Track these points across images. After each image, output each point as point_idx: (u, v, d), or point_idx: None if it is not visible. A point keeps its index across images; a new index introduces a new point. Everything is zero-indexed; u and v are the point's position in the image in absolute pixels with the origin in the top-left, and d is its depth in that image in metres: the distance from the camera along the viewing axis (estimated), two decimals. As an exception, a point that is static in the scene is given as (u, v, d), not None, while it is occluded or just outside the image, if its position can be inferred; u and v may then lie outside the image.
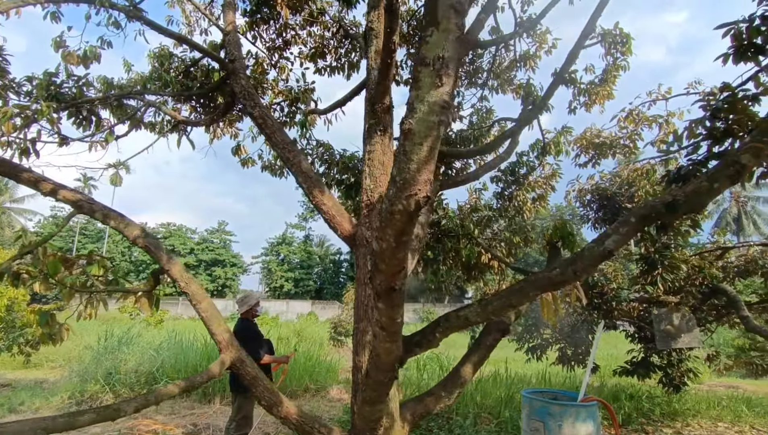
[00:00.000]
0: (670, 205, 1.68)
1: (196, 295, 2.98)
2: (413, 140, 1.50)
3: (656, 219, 1.77)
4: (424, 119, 1.48)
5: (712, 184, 1.58)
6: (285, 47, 8.11)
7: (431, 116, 1.47)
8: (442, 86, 1.44)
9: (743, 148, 1.51)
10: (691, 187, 1.65)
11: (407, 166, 1.52)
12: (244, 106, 4.22)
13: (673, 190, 1.70)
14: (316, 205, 4.06)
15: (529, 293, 2.08)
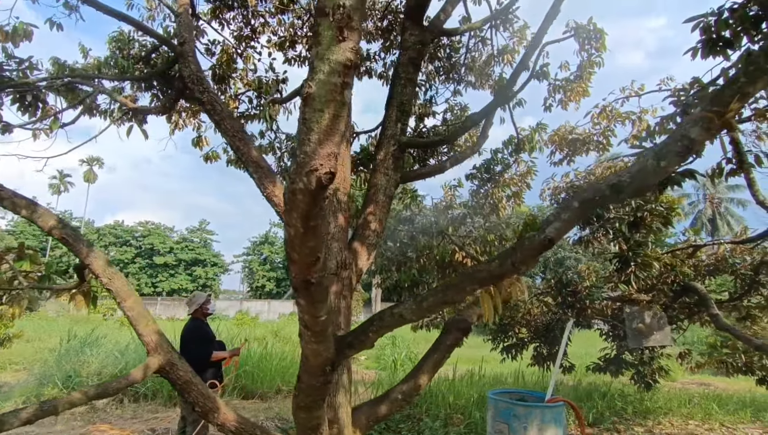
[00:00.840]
0: (615, 187, 1.51)
1: (121, 292, 2.71)
2: (314, 106, 1.28)
3: (600, 202, 1.59)
4: (325, 81, 1.26)
5: (658, 162, 1.41)
6: (253, 36, 7.82)
7: (333, 77, 1.26)
8: (345, 41, 1.23)
9: (692, 121, 1.34)
10: (637, 166, 1.47)
11: (307, 138, 1.30)
12: (192, 91, 3.96)
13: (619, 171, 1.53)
14: (267, 196, 3.82)
15: (466, 288, 1.89)
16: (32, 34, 4.46)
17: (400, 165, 4.08)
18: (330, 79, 1.25)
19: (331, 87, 1.26)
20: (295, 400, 2.38)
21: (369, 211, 3.91)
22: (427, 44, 4.40)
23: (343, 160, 3.90)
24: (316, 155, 1.30)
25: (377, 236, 3.89)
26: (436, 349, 3.89)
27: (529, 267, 1.76)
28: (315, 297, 1.76)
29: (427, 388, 9.16)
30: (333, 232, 3.72)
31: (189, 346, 5.16)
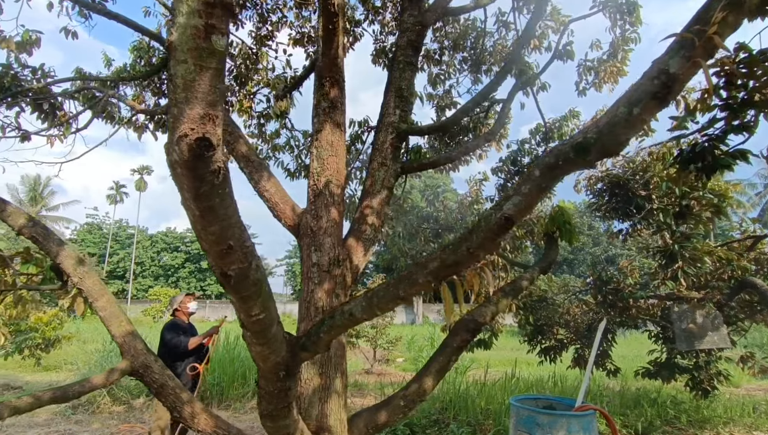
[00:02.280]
0: (579, 147, 1.18)
1: (93, 292, 2.61)
2: (177, 57, 1.05)
3: (566, 167, 1.26)
4: (184, 24, 1.02)
5: (630, 109, 1.07)
6: (271, 35, 7.78)
7: (193, 18, 1.01)
8: None
9: (670, 50, 1.00)
10: (605, 117, 1.14)
11: (174, 97, 1.07)
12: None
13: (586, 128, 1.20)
14: (258, 192, 3.67)
15: (419, 280, 1.60)
16: (40, 41, 4.55)
17: (399, 154, 3.80)
18: (190, 22, 1.02)
19: (192, 31, 1.02)
20: (259, 408, 2.17)
21: (366, 204, 3.66)
22: (428, 26, 4.10)
23: (336, 150, 3.69)
24: (185, 117, 1.06)
25: (375, 231, 3.64)
26: (442, 352, 3.58)
27: (487, 253, 1.45)
28: (240, 292, 1.53)
29: (456, 392, 8.77)
30: (325, 226, 3.51)
31: (163, 340, 5.65)
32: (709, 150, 5.11)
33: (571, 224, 5.77)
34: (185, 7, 1.02)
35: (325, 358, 3.24)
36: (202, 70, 1.05)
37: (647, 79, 1.04)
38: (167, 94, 1.15)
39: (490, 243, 1.43)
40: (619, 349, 11.28)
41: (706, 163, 5.04)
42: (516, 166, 8.49)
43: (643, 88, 1.05)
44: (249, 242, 1.48)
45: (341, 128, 3.73)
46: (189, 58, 1.04)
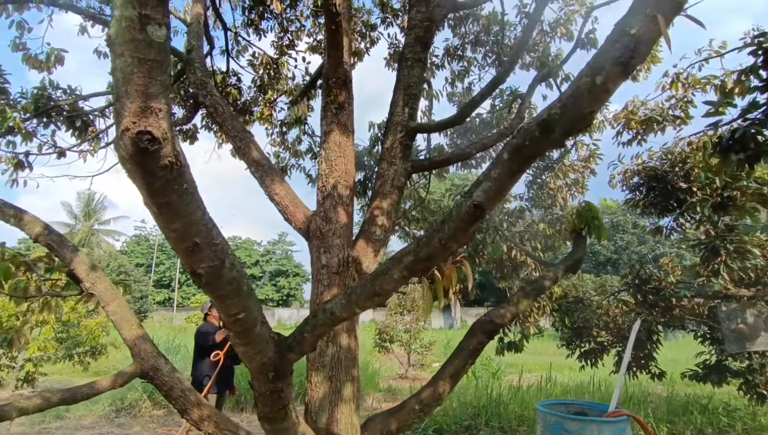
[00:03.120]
0: (544, 124, 1.07)
1: (105, 296, 2.69)
2: (115, 51, 1.04)
3: (534, 148, 1.16)
4: (120, 17, 1.01)
5: (593, 78, 0.96)
6: (292, 44, 7.90)
7: (127, 10, 1.00)
8: None
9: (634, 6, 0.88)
10: (569, 91, 1.03)
11: (116, 92, 1.06)
12: (197, 96, 3.97)
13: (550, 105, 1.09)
14: (269, 195, 3.69)
15: (395, 276, 1.52)
16: (63, 59, 4.80)
17: (409, 153, 3.73)
18: (124, 14, 1.00)
19: (126, 23, 1.01)
20: (257, 410, 2.15)
21: (375, 204, 3.61)
22: (436, 22, 4.02)
23: (344, 151, 3.66)
24: (126, 111, 1.05)
25: (385, 232, 3.57)
26: (458, 355, 3.46)
27: (459, 244, 1.36)
28: (215, 291, 1.52)
29: (489, 397, 8.52)
30: (334, 228, 3.48)
31: (196, 340, 6.35)
32: (752, 136, 4.74)
33: (600, 220, 5.49)
34: None
35: (335, 361, 3.20)
36: (141, 63, 1.04)
37: (609, 43, 0.94)
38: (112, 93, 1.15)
39: (461, 234, 1.34)
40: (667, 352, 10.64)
41: (748, 151, 4.69)
42: (543, 160, 8.22)
43: (605, 53, 0.95)
44: (219, 240, 1.46)
45: (349, 130, 3.70)
46: (126, 51, 1.03)
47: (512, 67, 3.46)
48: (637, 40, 0.89)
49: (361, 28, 7.09)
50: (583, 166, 8.04)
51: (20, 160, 5.22)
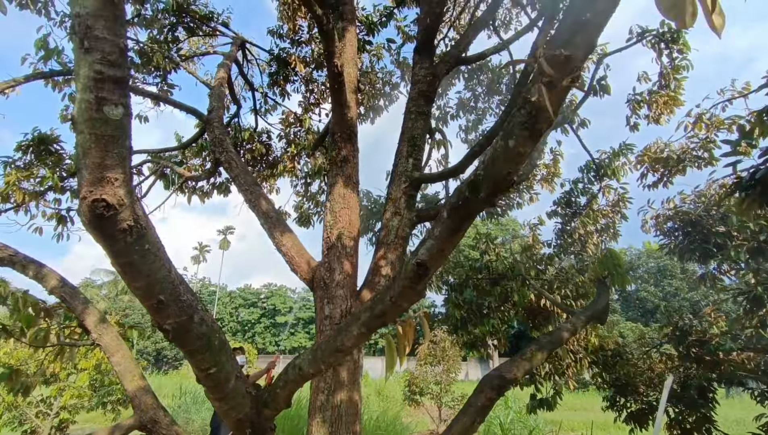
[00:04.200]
0: (472, 185, 1.09)
1: (110, 348, 2.79)
2: (77, 129, 1.16)
3: (467, 207, 1.16)
4: (80, 99, 1.14)
5: (506, 141, 0.98)
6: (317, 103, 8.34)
7: (85, 93, 1.13)
8: (90, 52, 1.11)
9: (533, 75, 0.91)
10: (488, 154, 1.05)
11: (78, 164, 1.18)
12: (213, 152, 4.23)
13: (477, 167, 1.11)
14: (276, 246, 3.79)
15: (354, 332, 1.51)
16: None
17: (413, 203, 3.78)
18: (83, 96, 1.13)
19: (85, 104, 1.13)
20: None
21: (380, 254, 3.64)
22: (440, 76, 4.17)
23: (348, 203, 3.75)
24: (84, 181, 1.16)
25: (385, 279, 3.57)
26: (465, 412, 3.32)
27: (410, 301, 1.35)
28: (184, 346, 1.56)
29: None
30: (338, 279, 3.51)
31: None
32: (772, 175, 4.52)
33: (622, 267, 5.30)
34: (79, 84, 1.13)
35: (335, 416, 3.13)
36: (98, 139, 1.15)
37: (516, 109, 0.97)
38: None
39: (410, 291, 1.34)
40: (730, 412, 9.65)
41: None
42: (571, 207, 8.04)
43: (514, 117, 0.98)
44: (186, 296, 1.52)
45: (354, 182, 3.81)
46: (85, 129, 1.14)
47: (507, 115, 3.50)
48: (537, 107, 0.91)
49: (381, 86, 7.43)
50: (612, 210, 7.81)
51: (63, 215, 5.64)
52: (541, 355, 3.81)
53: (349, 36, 4.24)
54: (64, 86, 5.04)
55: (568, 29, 0.83)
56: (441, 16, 4.28)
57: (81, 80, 1.13)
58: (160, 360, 45.92)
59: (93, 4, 1.09)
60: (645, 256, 52.57)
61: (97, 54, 1.11)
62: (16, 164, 5.71)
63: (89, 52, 1.11)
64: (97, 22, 1.10)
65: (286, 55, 7.40)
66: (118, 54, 1.15)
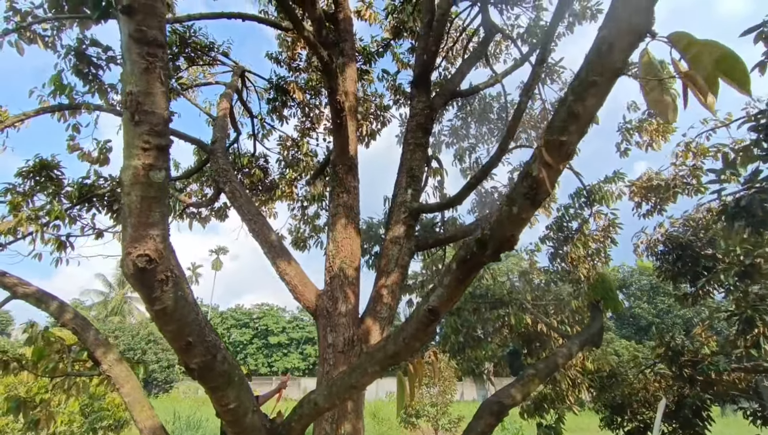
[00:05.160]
0: (479, 242, 1.23)
1: (120, 379, 2.85)
2: (124, 191, 1.29)
3: (474, 260, 1.30)
4: (127, 165, 1.28)
5: (510, 207, 1.12)
6: (313, 127, 8.54)
7: (134, 160, 1.27)
8: (139, 124, 1.25)
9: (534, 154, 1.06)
10: (494, 216, 1.19)
11: (124, 223, 1.31)
12: (217, 182, 4.35)
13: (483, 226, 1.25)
14: (279, 275, 3.89)
15: (368, 370, 1.62)
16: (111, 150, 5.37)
17: (412, 232, 3.91)
18: (131, 163, 1.26)
19: (133, 170, 1.26)
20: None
21: (381, 283, 3.75)
22: (436, 109, 4.37)
23: (349, 233, 3.88)
24: (129, 238, 1.28)
25: (390, 310, 3.68)
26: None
27: (422, 342, 1.47)
28: (207, 383, 1.66)
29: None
30: (340, 307, 3.61)
31: None
32: (758, 203, 4.74)
33: (614, 292, 5.45)
34: (128, 151, 1.27)
35: (339, 444, 3.19)
36: (143, 200, 1.28)
37: (520, 179, 1.11)
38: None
39: (421, 334, 1.46)
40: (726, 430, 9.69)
41: (757, 218, 4.67)
42: (563, 232, 8.21)
43: (517, 188, 1.12)
44: (211, 337, 1.63)
45: (355, 212, 3.94)
46: (132, 191, 1.27)
47: (503, 153, 3.69)
48: (537, 182, 1.06)
49: (374, 110, 7.64)
50: (603, 235, 8.01)
51: (62, 241, 5.69)
52: (537, 380, 3.91)
53: (350, 72, 4.44)
54: (70, 117, 5.16)
55: (563, 119, 0.98)
56: (437, 52, 4.50)
57: (130, 148, 1.26)
58: (150, 383, 44.99)
59: (144, 84, 1.23)
60: (638, 274, 52.93)
61: (145, 126, 1.25)
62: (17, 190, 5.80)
63: (139, 125, 1.24)
64: (147, 99, 1.24)
65: (285, 83, 7.61)
66: (163, 124, 1.28)
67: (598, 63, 0.92)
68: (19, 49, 3.26)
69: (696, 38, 0.91)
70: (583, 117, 0.96)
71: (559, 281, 9.15)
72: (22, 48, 3.89)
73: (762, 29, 4.18)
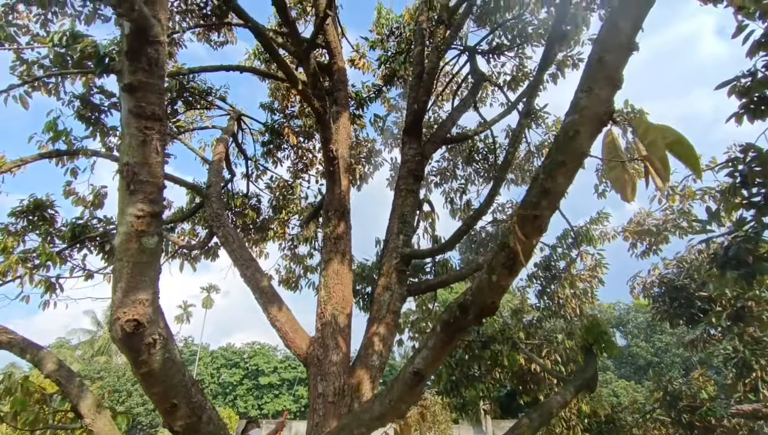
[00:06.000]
0: (461, 307, 1.27)
1: (102, 433, 2.78)
2: (116, 256, 1.33)
3: (458, 324, 1.33)
4: (121, 232, 1.32)
5: (490, 276, 1.17)
6: (306, 169, 8.69)
7: (127, 227, 1.31)
8: (134, 193, 1.30)
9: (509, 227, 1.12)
10: (476, 283, 1.24)
11: (114, 287, 1.33)
12: (211, 227, 4.38)
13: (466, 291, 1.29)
14: (270, 321, 3.87)
15: (354, 432, 1.61)
16: (106, 195, 5.43)
17: (404, 278, 3.93)
18: (124, 229, 1.30)
19: (125, 237, 1.30)
20: None
21: (372, 330, 3.73)
22: (428, 156, 4.49)
23: (342, 279, 3.89)
24: (118, 302, 1.31)
25: (381, 358, 3.64)
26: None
27: (408, 404, 1.47)
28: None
29: None
30: (331, 356, 3.58)
31: None
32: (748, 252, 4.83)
33: (608, 335, 5.41)
34: (122, 218, 1.31)
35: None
36: (135, 266, 1.31)
37: (498, 249, 1.17)
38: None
39: (407, 396, 1.47)
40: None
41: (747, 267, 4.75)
42: (550, 271, 8.25)
43: (496, 257, 1.17)
44: (197, 397, 1.62)
45: (347, 258, 3.97)
46: (123, 257, 1.31)
47: (495, 195, 3.77)
48: (514, 252, 1.11)
49: (366, 153, 7.82)
50: (590, 275, 8.05)
51: (52, 283, 5.63)
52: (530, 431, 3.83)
53: (343, 120, 4.59)
54: (68, 162, 5.25)
55: (535, 195, 1.05)
56: (428, 102, 4.67)
57: (124, 216, 1.31)
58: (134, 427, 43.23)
59: (141, 155, 1.29)
60: (634, 311, 52.55)
61: (140, 195, 1.30)
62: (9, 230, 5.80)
63: (134, 194, 1.30)
64: (142, 169, 1.30)
65: (279, 127, 7.81)
66: (158, 192, 1.34)
67: (565, 146, 1.00)
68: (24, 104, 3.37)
69: (652, 123, 0.99)
70: (554, 193, 1.02)
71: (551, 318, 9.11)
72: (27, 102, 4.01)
73: (735, 83, 4.40)
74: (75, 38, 3.68)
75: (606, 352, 5.52)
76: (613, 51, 0.94)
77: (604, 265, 7.84)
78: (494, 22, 6.27)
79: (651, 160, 0.94)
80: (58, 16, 4.29)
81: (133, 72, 1.31)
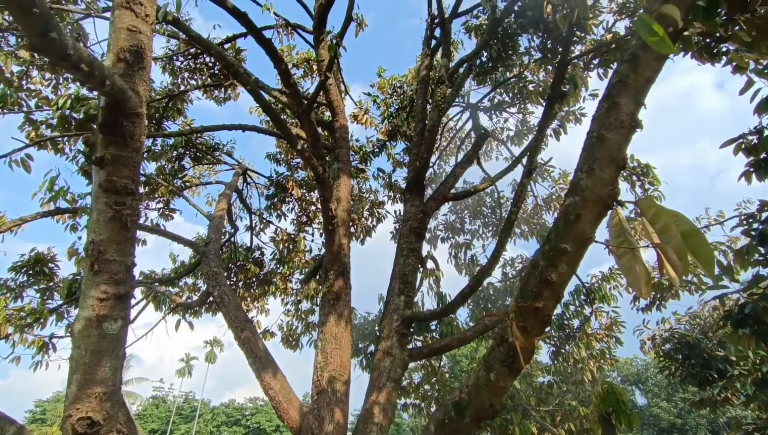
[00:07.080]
0: (457, 407, 1.12)
1: None
2: (74, 343, 1.21)
3: (452, 425, 1.17)
4: (81, 317, 1.21)
5: (488, 374, 1.03)
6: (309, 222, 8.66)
7: (87, 311, 1.20)
8: (99, 273, 1.19)
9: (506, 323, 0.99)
10: (473, 379, 1.10)
11: (70, 377, 1.20)
12: (207, 286, 4.26)
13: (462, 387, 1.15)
14: (263, 388, 3.65)
15: None
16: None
17: (406, 342, 3.73)
18: (84, 314, 1.19)
19: (85, 322, 1.19)
20: None
21: (372, 399, 3.49)
22: (430, 214, 4.41)
23: (340, 343, 3.70)
24: (72, 398, 1.17)
25: (381, 430, 3.37)
26: None
27: None
28: None
29: None
30: (327, 429, 3.32)
31: None
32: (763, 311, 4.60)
33: (626, 403, 5.07)
34: (84, 301, 1.20)
35: None
36: (93, 354, 1.18)
37: (495, 344, 1.04)
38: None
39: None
40: None
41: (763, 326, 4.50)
42: (563, 330, 7.91)
43: (493, 355, 1.04)
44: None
45: (346, 320, 3.80)
46: (81, 344, 1.18)
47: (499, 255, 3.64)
48: (513, 349, 0.98)
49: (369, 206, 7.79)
50: (606, 334, 7.71)
51: (45, 342, 5.45)
52: None
53: (344, 178, 4.56)
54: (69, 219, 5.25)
55: (536, 285, 0.93)
56: (429, 159, 4.66)
57: (85, 299, 1.20)
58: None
59: (108, 232, 1.20)
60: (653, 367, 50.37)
61: (104, 275, 1.20)
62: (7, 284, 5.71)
63: (98, 274, 1.19)
64: (109, 247, 1.20)
65: (284, 180, 7.86)
66: (124, 272, 1.23)
67: (566, 231, 0.89)
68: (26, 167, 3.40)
69: (662, 207, 0.89)
70: (557, 284, 0.91)
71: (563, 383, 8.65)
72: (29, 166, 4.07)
73: (741, 141, 4.36)
74: (79, 101, 3.78)
75: (624, 424, 5.13)
76: (613, 129, 0.86)
77: (620, 323, 7.50)
78: (495, 80, 6.41)
79: (665, 250, 0.83)
80: (69, 80, 4.45)
81: (106, 145, 1.25)
